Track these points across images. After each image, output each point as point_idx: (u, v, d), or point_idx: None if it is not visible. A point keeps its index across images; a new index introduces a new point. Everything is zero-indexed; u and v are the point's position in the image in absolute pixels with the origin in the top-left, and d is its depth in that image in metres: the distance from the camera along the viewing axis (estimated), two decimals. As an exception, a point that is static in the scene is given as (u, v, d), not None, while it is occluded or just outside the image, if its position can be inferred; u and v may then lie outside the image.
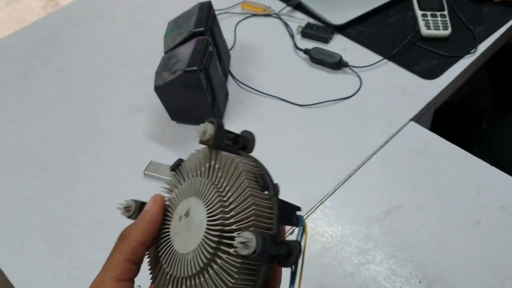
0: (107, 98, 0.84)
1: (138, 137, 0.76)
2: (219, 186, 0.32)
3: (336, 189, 0.66)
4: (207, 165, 0.34)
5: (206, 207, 0.32)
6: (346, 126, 0.74)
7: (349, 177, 0.68)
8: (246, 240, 0.28)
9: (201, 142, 0.34)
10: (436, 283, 0.56)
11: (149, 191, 0.68)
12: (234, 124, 0.77)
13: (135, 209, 0.37)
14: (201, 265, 0.30)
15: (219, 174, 0.33)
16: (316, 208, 0.65)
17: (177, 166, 0.37)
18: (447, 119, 1.16)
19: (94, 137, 0.77)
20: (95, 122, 0.80)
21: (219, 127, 0.33)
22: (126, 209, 0.36)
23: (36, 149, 0.77)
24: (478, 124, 1.07)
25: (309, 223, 0.63)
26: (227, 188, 0.32)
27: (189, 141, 0.75)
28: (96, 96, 0.84)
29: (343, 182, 0.67)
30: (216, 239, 0.30)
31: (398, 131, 0.73)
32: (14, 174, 0.74)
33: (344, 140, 0.73)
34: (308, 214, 0.64)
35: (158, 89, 0.71)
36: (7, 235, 0.67)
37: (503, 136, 1.02)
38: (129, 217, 0.36)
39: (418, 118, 0.76)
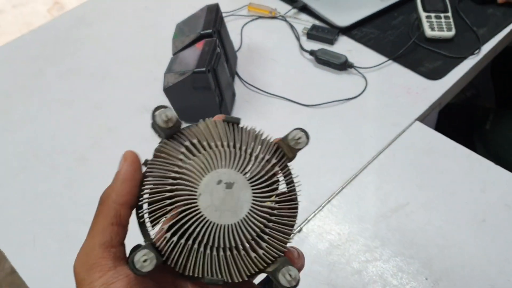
0: (116, 99, 0.85)
1: (147, 137, 0.77)
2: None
3: (343, 188, 0.67)
4: (268, 158, 0.33)
5: (253, 200, 0.32)
6: (352, 126, 0.75)
7: (356, 176, 0.68)
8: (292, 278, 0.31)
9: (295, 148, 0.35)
10: (442, 280, 0.57)
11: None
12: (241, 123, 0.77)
13: (176, 122, 0.33)
14: (239, 243, 0.31)
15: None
16: (323, 207, 0.65)
17: (232, 121, 0.34)
18: (452, 120, 1.17)
19: (103, 137, 0.79)
20: (104, 122, 0.81)
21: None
22: (167, 121, 0.32)
23: (46, 149, 0.78)
24: (482, 124, 1.08)
25: (317, 221, 0.64)
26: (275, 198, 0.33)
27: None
28: (105, 97, 0.85)
29: (350, 181, 0.68)
30: (254, 233, 0.31)
31: (404, 130, 0.74)
32: (24, 173, 0.75)
33: (350, 140, 0.74)
34: (316, 212, 0.65)
35: (167, 90, 0.72)
36: (19, 233, 0.68)
37: (507, 137, 1.03)
38: (169, 128, 0.32)
39: (423, 118, 0.77)
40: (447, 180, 0.67)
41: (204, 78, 0.69)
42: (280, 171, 0.34)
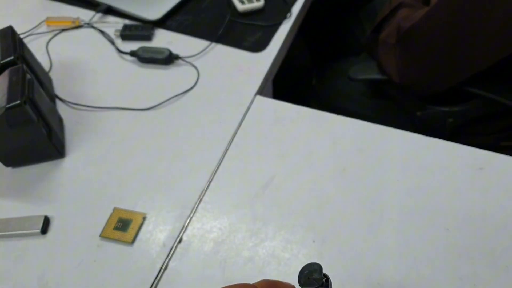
0: None
1: (-28, 197, 0.65)
2: None
3: (210, 182, 0.65)
4: None
5: None
6: (198, 118, 0.73)
7: (218, 166, 0.67)
8: None
9: None
10: (328, 237, 0.59)
11: None
12: (79, 152, 0.70)
13: None
14: None
15: None
16: (197, 208, 0.62)
17: None
18: (283, 85, 1.22)
19: None
20: None
21: None
22: None
23: None
24: (309, 81, 1.14)
25: (195, 224, 0.61)
26: None
27: (31, 184, 0.66)
28: None
29: (214, 173, 0.66)
30: None
31: (248, 108, 0.74)
32: None
33: (201, 132, 0.71)
34: (191, 216, 0.62)
35: (-21, 137, 0.61)
36: None
37: (332, 86, 1.11)
38: None
39: (261, 91, 0.77)
40: (302, 142, 0.69)
41: (21, 112, 0.60)
42: None
